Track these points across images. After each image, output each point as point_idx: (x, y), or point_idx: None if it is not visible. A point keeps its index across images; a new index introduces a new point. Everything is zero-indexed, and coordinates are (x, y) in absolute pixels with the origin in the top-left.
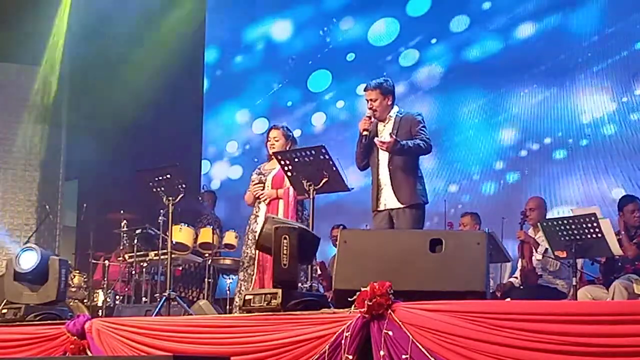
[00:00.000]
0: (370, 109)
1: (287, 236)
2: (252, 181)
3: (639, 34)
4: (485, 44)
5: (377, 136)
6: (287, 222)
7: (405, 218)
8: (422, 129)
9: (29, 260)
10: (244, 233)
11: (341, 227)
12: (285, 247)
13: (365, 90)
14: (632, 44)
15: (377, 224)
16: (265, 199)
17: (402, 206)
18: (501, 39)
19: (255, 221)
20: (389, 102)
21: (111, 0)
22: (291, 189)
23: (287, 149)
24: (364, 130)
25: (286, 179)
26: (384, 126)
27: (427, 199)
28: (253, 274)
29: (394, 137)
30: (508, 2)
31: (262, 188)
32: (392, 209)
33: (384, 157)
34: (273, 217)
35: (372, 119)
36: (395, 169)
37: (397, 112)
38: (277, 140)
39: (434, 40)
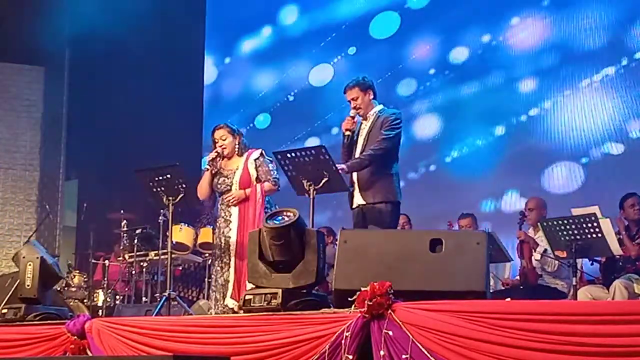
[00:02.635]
0: (354, 108)
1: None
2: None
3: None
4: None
5: (359, 134)
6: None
7: (374, 214)
8: (388, 128)
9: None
10: None
11: (341, 228)
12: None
13: (345, 92)
14: (631, 54)
15: (353, 220)
16: (235, 202)
17: (368, 203)
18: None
19: (228, 226)
20: (370, 98)
21: (111, 1)
22: (258, 186)
23: (237, 143)
24: (346, 130)
25: (253, 177)
26: (366, 124)
27: (396, 197)
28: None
29: (345, 168)
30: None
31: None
32: (363, 205)
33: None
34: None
35: (356, 118)
36: None
37: (379, 110)
38: (224, 139)
39: (432, 71)
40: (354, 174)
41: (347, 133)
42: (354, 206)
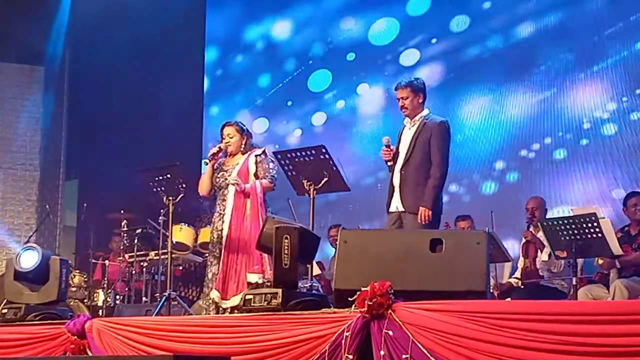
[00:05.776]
0: (401, 107)
1: (288, 236)
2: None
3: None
4: (485, 44)
5: (402, 136)
6: (287, 222)
7: (412, 221)
8: (441, 143)
9: (29, 260)
10: None
11: (340, 227)
12: (286, 247)
13: (396, 89)
14: (632, 44)
15: (387, 223)
16: (235, 184)
17: (406, 211)
18: (501, 38)
19: (221, 219)
20: (420, 100)
21: (111, 1)
22: (258, 182)
23: (243, 143)
24: (387, 161)
25: (251, 172)
26: (410, 129)
27: (438, 207)
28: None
29: (424, 215)
30: (508, 1)
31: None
32: (402, 212)
33: (400, 161)
34: (273, 217)
35: (392, 147)
36: (406, 174)
37: (425, 115)
38: (231, 137)
39: (434, 40)
40: (397, 180)
41: (390, 164)
42: (392, 210)
